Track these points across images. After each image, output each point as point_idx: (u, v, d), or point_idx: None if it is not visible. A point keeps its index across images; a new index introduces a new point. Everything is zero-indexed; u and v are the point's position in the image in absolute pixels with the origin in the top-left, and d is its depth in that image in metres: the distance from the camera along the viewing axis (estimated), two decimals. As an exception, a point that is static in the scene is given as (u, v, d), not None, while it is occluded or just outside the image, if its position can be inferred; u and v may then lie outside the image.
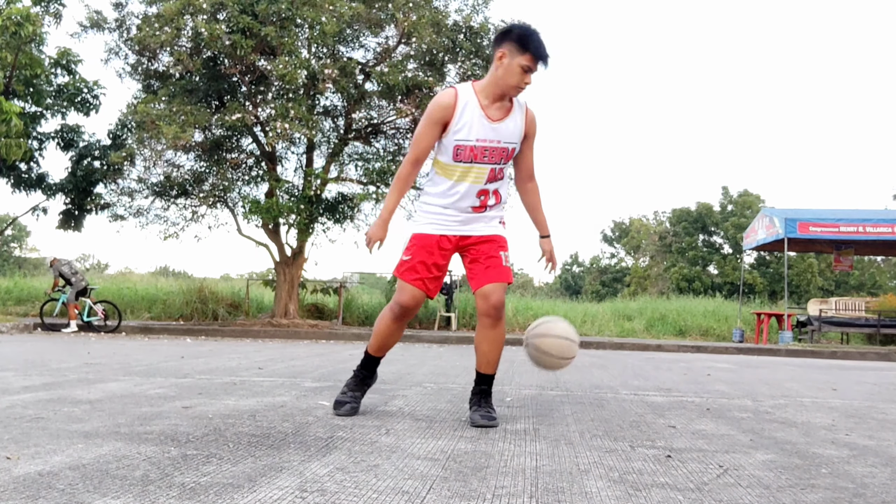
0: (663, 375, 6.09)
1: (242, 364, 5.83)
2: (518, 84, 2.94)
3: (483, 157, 2.96)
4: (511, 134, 3.00)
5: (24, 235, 43.35)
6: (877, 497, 2.01)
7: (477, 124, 2.95)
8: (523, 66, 2.92)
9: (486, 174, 2.99)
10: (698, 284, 31.46)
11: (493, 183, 3.03)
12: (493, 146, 2.96)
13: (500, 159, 2.99)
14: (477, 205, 3.03)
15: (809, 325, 13.88)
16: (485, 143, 2.95)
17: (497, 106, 2.99)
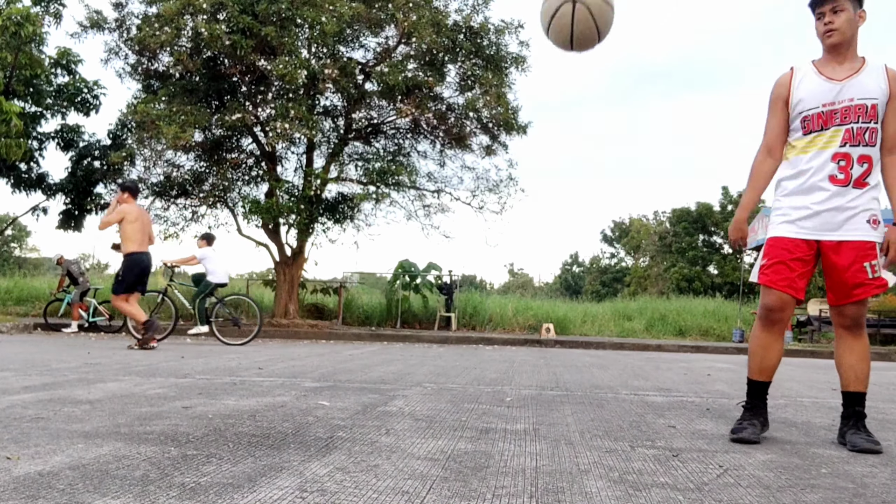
0: (663, 375, 6.09)
1: (242, 364, 5.83)
2: (824, 33, 2.78)
3: (834, 119, 2.73)
4: (864, 89, 2.72)
5: (24, 235, 43.34)
6: (877, 497, 2.01)
7: (818, 90, 2.77)
8: (816, 16, 2.82)
9: (841, 135, 2.72)
10: (698, 284, 31.45)
11: (856, 147, 2.71)
12: (844, 105, 2.72)
13: (858, 118, 2.70)
14: (839, 176, 2.72)
15: (809, 325, 13.89)
16: (833, 104, 2.74)
17: (837, 66, 2.79)
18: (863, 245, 2.72)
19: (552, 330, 12.97)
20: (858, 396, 2.82)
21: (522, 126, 12.53)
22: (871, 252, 2.71)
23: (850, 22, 2.74)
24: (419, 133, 13.26)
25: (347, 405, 3.53)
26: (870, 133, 2.71)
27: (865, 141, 2.71)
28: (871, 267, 2.71)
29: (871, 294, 2.74)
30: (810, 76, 2.82)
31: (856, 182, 2.71)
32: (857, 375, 2.81)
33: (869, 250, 2.72)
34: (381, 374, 5.28)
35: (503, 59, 12.28)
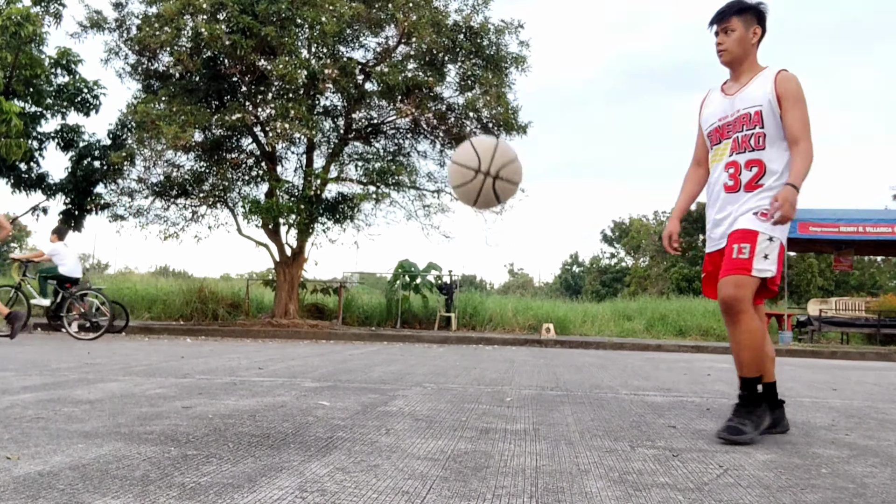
0: (663, 375, 6.09)
1: (242, 364, 5.83)
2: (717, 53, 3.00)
3: (727, 132, 2.96)
4: (749, 98, 2.90)
5: (24, 235, 43.35)
6: (877, 497, 2.01)
7: (718, 107, 3.01)
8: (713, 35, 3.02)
9: (730, 145, 2.94)
10: (698, 284, 31.42)
11: (742, 154, 2.90)
12: (734, 117, 2.93)
13: (742, 126, 2.91)
14: (729, 183, 2.93)
15: (809, 325, 13.89)
16: (727, 118, 2.95)
17: (733, 83, 3.01)
18: (740, 231, 2.85)
19: (552, 330, 12.97)
20: (742, 380, 2.92)
21: (522, 126, 12.52)
22: (748, 237, 2.81)
23: (740, 41, 2.92)
24: (419, 133, 13.26)
25: (347, 405, 3.53)
26: (755, 138, 2.88)
27: (752, 146, 2.88)
28: (738, 248, 2.81)
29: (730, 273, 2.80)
30: (714, 94, 3.08)
31: (746, 186, 2.89)
32: (738, 361, 2.90)
33: (745, 234, 2.82)
34: (381, 374, 5.28)
35: (503, 59, 12.28)
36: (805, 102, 2.89)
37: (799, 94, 2.87)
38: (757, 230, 2.82)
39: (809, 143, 2.83)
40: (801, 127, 2.84)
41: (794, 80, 2.90)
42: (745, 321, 2.82)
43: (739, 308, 2.80)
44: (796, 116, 2.85)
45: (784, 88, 2.86)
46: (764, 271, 2.80)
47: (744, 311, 2.80)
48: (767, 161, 2.87)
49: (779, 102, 2.86)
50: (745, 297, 2.80)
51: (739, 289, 2.79)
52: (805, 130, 2.85)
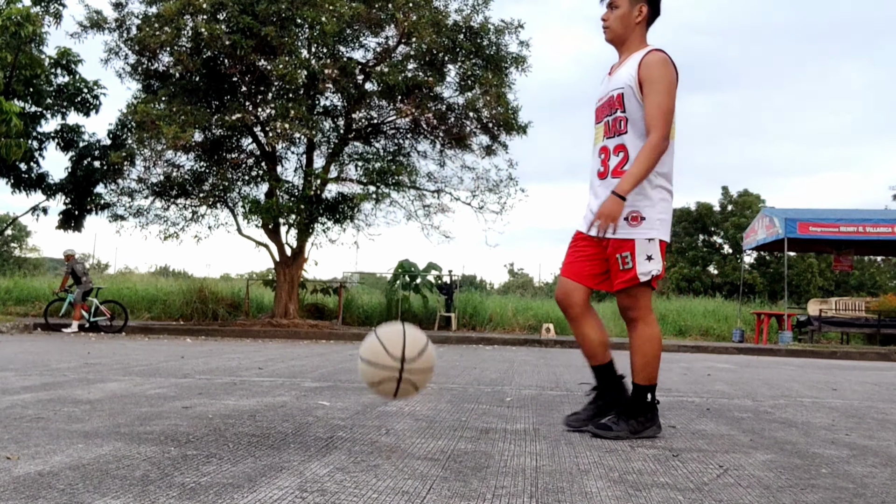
0: (663, 375, 6.09)
1: (242, 364, 5.83)
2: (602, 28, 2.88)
3: (601, 115, 2.86)
4: (617, 80, 2.78)
5: (24, 235, 43.32)
6: (877, 497, 2.01)
7: (601, 86, 2.91)
8: None
9: (603, 129, 2.83)
10: (698, 284, 31.44)
11: (612, 139, 2.78)
12: (605, 100, 2.83)
13: (611, 109, 2.79)
14: (601, 169, 2.82)
15: (809, 325, 13.88)
16: (602, 100, 2.86)
17: (617, 62, 2.89)
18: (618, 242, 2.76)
19: (552, 330, 12.97)
20: (634, 388, 2.87)
21: (522, 126, 12.52)
22: (626, 245, 2.74)
23: (622, 19, 2.79)
24: (419, 133, 13.25)
25: (347, 405, 3.53)
26: (619, 122, 2.75)
27: (618, 130, 2.76)
28: (622, 259, 2.75)
29: (621, 285, 2.78)
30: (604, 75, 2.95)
31: (613, 172, 2.77)
32: (632, 366, 2.88)
33: (623, 245, 2.75)
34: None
35: (503, 59, 12.28)
36: (667, 87, 2.69)
37: (660, 78, 2.68)
38: (633, 238, 2.74)
39: (660, 135, 2.65)
40: (656, 115, 2.66)
41: (657, 64, 2.70)
42: (642, 326, 2.83)
43: (635, 315, 2.82)
44: (653, 103, 2.68)
45: (646, 72, 2.69)
46: (648, 273, 2.75)
47: (639, 317, 2.82)
48: (630, 146, 2.73)
49: (640, 86, 2.71)
50: (637, 305, 2.81)
51: (632, 298, 2.80)
52: (660, 119, 2.66)
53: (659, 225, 2.75)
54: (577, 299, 2.89)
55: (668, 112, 2.66)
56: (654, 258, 2.74)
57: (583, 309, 2.92)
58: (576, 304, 2.90)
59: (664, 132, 2.65)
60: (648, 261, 2.74)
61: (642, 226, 2.73)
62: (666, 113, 2.66)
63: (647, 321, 2.83)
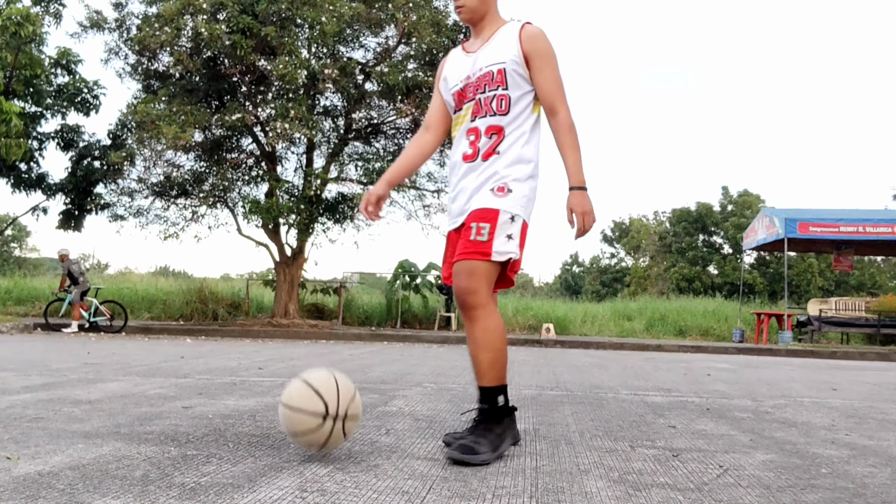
0: (663, 375, 6.09)
1: (242, 364, 5.83)
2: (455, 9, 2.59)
3: (469, 93, 2.53)
4: (492, 55, 2.50)
5: (24, 235, 43.35)
6: (877, 497, 2.01)
7: (459, 66, 2.59)
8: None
9: (472, 109, 2.52)
10: (698, 284, 31.46)
11: (484, 119, 2.49)
12: (476, 77, 2.51)
13: (485, 87, 2.49)
14: (468, 151, 2.52)
15: (809, 325, 13.88)
16: (469, 78, 2.54)
17: (475, 39, 2.60)
18: (480, 210, 2.41)
19: (552, 330, 12.97)
20: (483, 391, 2.39)
21: (522, 126, 12.51)
22: (488, 216, 2.38)
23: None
24: (419, 133, 13.25)
25: (347, 405, 3.52)
26: (497, 101, 2.47)
27: (493, 110, 2.47)
28: (477, 228, 2.37)
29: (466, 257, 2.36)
30: (455, 54, 2.66)
31: (484, 155, 2.46)
32: (476, 366, 2.40)
33: (485, 213, 2.39)
34: (381, 374, 5.28)
35: (503, 59, 12.27)
36: (555, 62, 2.50)
37: (550, 52, 2.49)
38: (498, 208, 2.39)
39: (568, 112, 2.47)
40: (557, 90, 2.47)
41: (542, 37, 2.50)
42: (483, 317, 2.36)
43: (475, 301, 2.35)
44: (549, 78, 2.46)
45: (532, 46, 2.46)
46: (505, 253, 2.37)
47: (481, 304, 2.36)
48: (508, 128, 2.46)
49: (526, 62, 2.46)
50: (480, 288, 2.36)
51: (474, 277, 2.35)
52: (562, 94, 2.48)
53: (525, 203, 2.46)
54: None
55: (562, 86, 2.49)
56: (513, 238, 2.40)
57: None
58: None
59: (568, 106, 2.48)
60: (508, 240, 2.38)
61: (508, 198, 2.42)
62: (561, 87, 2.48)
63: (489, 310, 2.38)
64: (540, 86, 2.47)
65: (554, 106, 2.46)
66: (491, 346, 2.36)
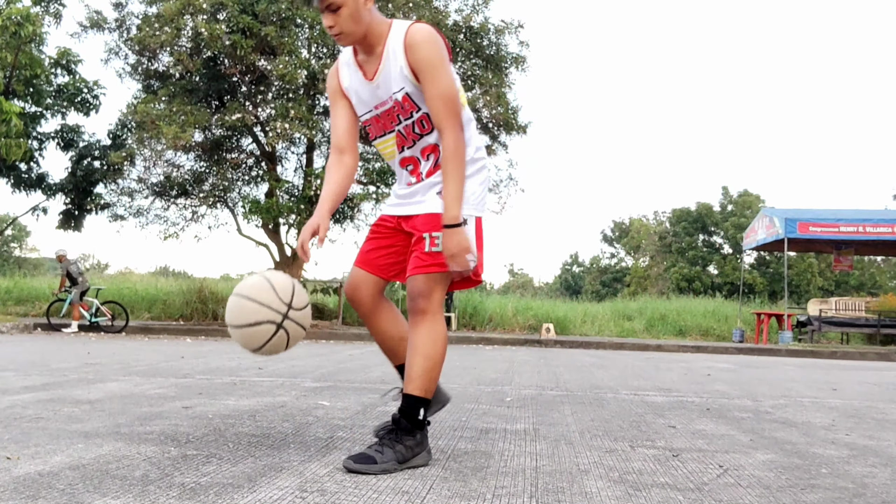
0: (663, 375, 6.09)
1: (242, 364, 5.83)
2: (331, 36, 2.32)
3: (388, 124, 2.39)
4: (391, 81, 2.30)
5: (24, 235, 43.36)
6: (877, 497, 2.01)
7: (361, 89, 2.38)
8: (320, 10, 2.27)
9: (396, 141, 2.39)
10: (698, 284, 31.46)
11: (413, 146, 2.37)
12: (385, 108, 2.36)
13: (399, 117, 2.34)
14: (412, 180, 2.41)
15: (809, 325, 13.88)
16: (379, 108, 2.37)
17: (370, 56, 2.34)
18: (430, 216, 2.32)
19: (552, 330, 12.97)
20: (406, 398, 2.27)
21: (522, 126, 12.53)
22: (436, 224, 2.28)
23: (353, 16, 2.22)
24: (419, 133, 13.26)
25: (347, 405, 3.53)
26: (418, 124, 2.33)
27: (419, 133, 2.34)
28: (430, 239, 2.29)
29: (423, 271, 2.30)
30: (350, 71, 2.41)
31: (427, 173, 2.36)
32: (408, 371, 2.30)
33: (433, 221, 2.29)
34: (381, 374, 5.28)
35: (503, 59, 12.29)
36: (444, 68, 2.24)
37: (435, 61, 2.23)
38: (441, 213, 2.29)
39: (455, 133, 2.24)
40: (444, 108, 2.23)
41: (426, 43, 2.24)
42: (430, 322, 2.32)
43: (427, 306, 2.31)
44: (435, 94, 2.23)
45: (415, 58, 2.23)
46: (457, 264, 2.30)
47: (431, 310, 2.32)
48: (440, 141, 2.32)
49: (415, 77, 2.26)
50: (434, 296, 2.32)
51: (429, 285, 2.30)
52: (448, 112, 2.24)
53: (475, 200, 2.35)
54: (366, 293, 2.48)
55: (454, 101, 2.25)
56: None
57: (375, 303, 2.51)
58: (366, 299, 2.49)
59: (457, 128, 2.25)
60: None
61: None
62: (453, 103, 2.25)
63: (436, 318, 2.34)
64: (428, 101, 2.25)
65: (440, 126, 2.25)
66: (428, 353, 2.29)
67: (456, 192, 2.22)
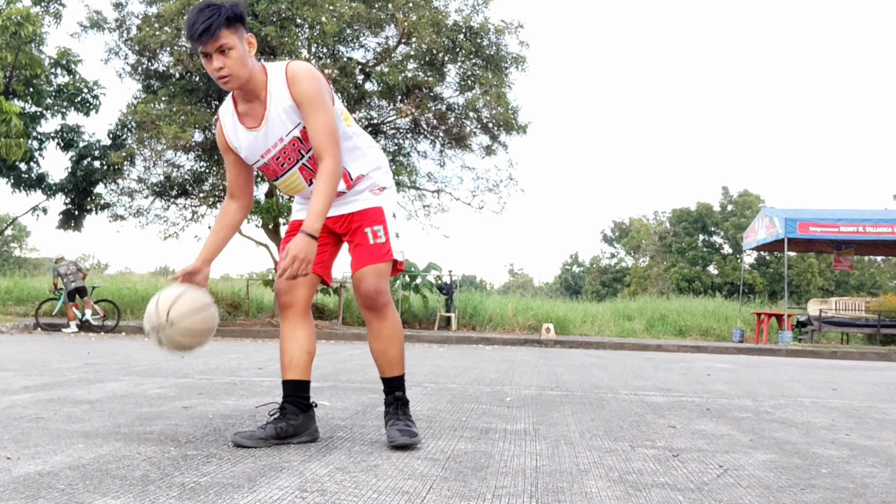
0: (663, 375, 6.09)
1: (242, 364, 5.83)
2: (218, 79, 2.35)
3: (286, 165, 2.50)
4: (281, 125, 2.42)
5: (24, 235, 43.35)
6: (877, 497, 2.01)
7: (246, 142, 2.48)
8: (202, 56, 2.33)
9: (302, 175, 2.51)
10: (698, 284, 31.46)
11: None
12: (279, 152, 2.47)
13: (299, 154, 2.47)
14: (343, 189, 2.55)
15: (809, 325, 13.88)
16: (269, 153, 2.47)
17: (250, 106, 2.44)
18: (365, 212, 2.52)
19: (552, 330, 12.97)
20: (395, 380, 2.64)
21: (522, 126, 12.53)
22: (377, 218, 2.51)
23: (241, 60, 2.31)
24: (419, 133, 13.26)
25: (347, 405, 3.53)
26: None
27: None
28: (372, 233, 2.50)
29: (373, 262, 2.48)
30: (233, 125, 2.49)
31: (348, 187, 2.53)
32: (388, 360, 2.63)
33: (373, 216, 2.52)
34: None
35: (503, 59, 12.28)
36: (323, 101, 2.38)
37: (315, 95, 2.37)
38: (381, 206, 2.53)
39: (334, 159, 2.36)
40: (322, 138, 2.36)
41: (306, 78, 2.37)
42: (391, 313, 2.56)
43: (385, 300, 2.52)
44: (315, 126, 2.36)
45: (297, 92, 2.36)
46: (401, 252, 2.55)
47: (388, 301, 2.54)
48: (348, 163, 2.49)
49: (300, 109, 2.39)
50: (387, 288, 2.53)
51: (381, 278, 2.49)
52: (328, 142, 2.36)
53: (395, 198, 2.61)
54: (303, 294, 2.57)
55: (333, 130, 2.38)
56: (401, 236, 2.57)
57: (307, 305, 2.60)
58: (301, 300, 2.57)
59: (336, 155, 2.37)
60: (398, 238, 2.55)
61: (384, 196, 2.57)
62: (332, 132, 2.38)
63: (392, 308, 2.58)
64: (309, 131, 2.38)
65: (321, 153, 2.37)
66: (399, 339, 2.63)
67: (323, 208, 2.34)
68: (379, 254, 2.49)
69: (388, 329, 2.59)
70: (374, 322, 2.58)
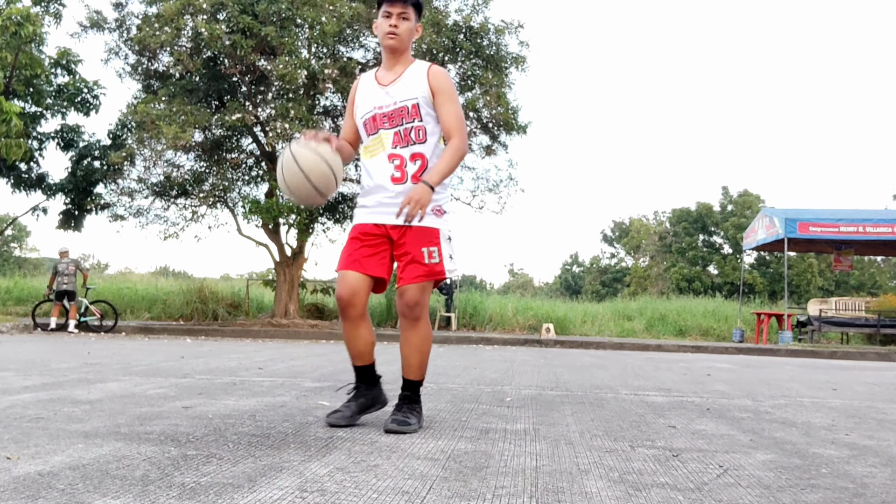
0: (663, 375, 6.09)
1: (242, 364, 5.83)
2: (386, 33, 2.83)
3: (385, 124, 2.85)
4: (405, 91, 2.84)
5: (24, 235, 43.35)
6: (877, 497, 2.01)
7: (372, 95, 2.90)
8: (383, 14, 2.85)
9: (391, 138, 2.84)
10: (698, 284, 31.46)
11: (406, 148, 2.83)
12: (389, 110, 2.84)
13: (402, 119, 2.84)
14: (397, 175, 2.83)
15: (809, 325, 13.88)
16: (382, 108, 2.86)
17: (388, 72, 2.91)
18: (423, 231, 2.81)
19: (552, 330, 12.97)
20: (412, 383, 2.93)
21: (522, 126, 12.52)
22: (433, 239, 2.82)
23: (409, 32, 2.86)
24: (419, 133, 13.24)
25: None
26: (416, 131, 2.84)
27: (413, 140, 2.84)
28: (428, 253, 2.80)
29: (425, 279, 2.80)
30: (367, 82, 2.96)
31: (412, 178, 2.82)
32: (409, 365, 2.91)
33: (429, 237, 2.81)
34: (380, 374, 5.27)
35: (503, 59, 12.28)
36: (456, 96, 2.89)
37: (451, 90, 2.87)
38: (438, 228, 2.84)
39: (462, 139, 2.84)
40: (455, 121, 2.84)
41: (445, 76, 2.89)
42: (424, 325, 2.87)
43: (422, 313, 2.84)
44: (451, 111, 2.84)
45: (437, 83, 2.84)
46: (453, 271, 2.87)
47: (425, 315, 2.86)
48: (428, 154, 2.85)
49: (433, 96, 2.84)
50: (427, 302, 2.86)
51: (425, 293, 2.83)
52: (459, 125, 2.84)
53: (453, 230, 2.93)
54: (363, 298, 2.84)
55: (461, 118, 2.87)
56: (454, 258, 2.88)
57: (365, 307, 2.88)
58: (360, 303, 2.84)
59: (464, 136, 2.85)
60: (451, 259, 2.86)
61: (444, 219, 2.88)
62: (461, 119, 2.86)
63: (427, 320, 2.90)
64: (442, 117, 2.84)
65: (451, 134, 2.84)
66: (425, 350, 2.90)
67: (446, 169, 2.80)
68: (432, 272, 2.81)
69: (416, 339, 2.87)
70: (407, 329, 2.87)
